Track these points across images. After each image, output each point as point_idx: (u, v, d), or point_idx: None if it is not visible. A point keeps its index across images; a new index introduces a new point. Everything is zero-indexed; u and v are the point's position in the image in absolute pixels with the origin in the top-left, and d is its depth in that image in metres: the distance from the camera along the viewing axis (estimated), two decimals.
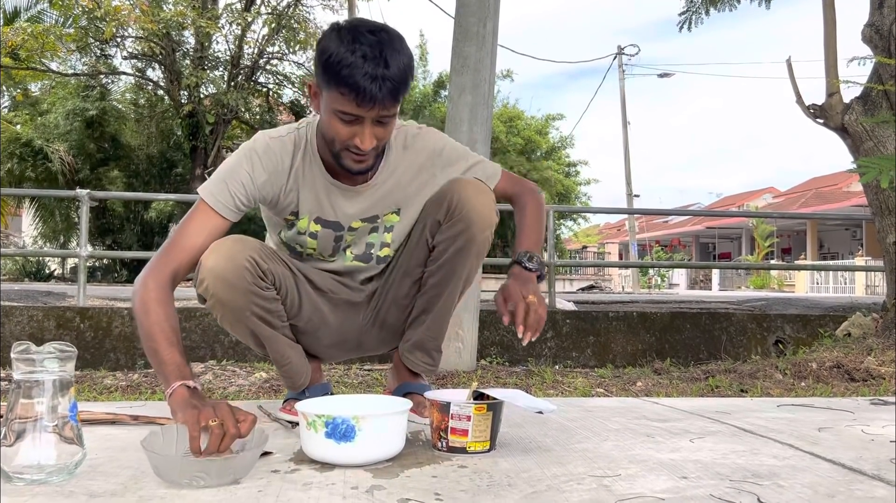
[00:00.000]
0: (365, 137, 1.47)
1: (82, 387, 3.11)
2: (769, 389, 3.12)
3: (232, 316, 1.58)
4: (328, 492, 1.14)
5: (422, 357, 1.78)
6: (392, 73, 1.41)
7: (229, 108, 14.59)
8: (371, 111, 1.44)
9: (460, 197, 1.61)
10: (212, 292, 1.53)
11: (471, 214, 1.60)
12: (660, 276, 26.48)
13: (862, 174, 3.53)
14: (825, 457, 1.42)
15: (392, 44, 1.44)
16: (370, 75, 1.40)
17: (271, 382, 3.26)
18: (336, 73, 1.41)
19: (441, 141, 1.73)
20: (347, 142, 1.49)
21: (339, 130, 1.48)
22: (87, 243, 5.23)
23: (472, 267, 1.68)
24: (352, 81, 1.40)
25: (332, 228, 1.67)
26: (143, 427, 1.69)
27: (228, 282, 1.52)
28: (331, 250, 1.71)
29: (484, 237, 1.64)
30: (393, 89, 1.42)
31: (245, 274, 1.52)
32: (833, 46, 4.36)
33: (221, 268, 1.51)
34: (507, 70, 19.20)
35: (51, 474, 1.17)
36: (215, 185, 1.58)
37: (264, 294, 1.58)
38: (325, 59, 1.43)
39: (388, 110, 1.46)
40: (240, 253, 1.53)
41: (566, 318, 4.93)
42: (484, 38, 3.95)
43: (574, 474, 1.27)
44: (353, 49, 1.40)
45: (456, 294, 1.72)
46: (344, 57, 1.40)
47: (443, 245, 1.65)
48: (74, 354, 1.22)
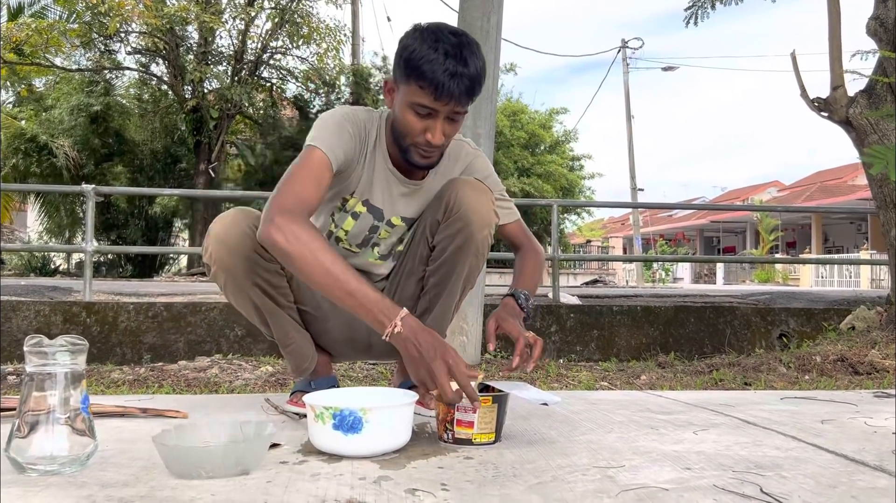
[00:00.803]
0: (437, 132, 1.53)
1: (89, 382, 3.14)
2: (773, 382, 3.13)
3: (233, 284, 1.60)
4: (336, 483, 1.16)
5: None
6: (470, 71, 1.49)
7: (233, 103, 14.59)
8: (447, 106, 1.50)
9: (458, 196, 1.63)
10: (215, 258, 1.56)
11: (469, 213, 1.62)
12: (664, 271, 26.48)
13: (869, 166, 3.53)
14: (828, 449, 1.43)
15: (471, 46, 1.52)
16: (450, 71, 1.47)
17: (277, 376, 3.28)
18: (417, 67, 1.48)
19: (486, 169, 1.79)
20: (418, 136, 1.55)
21: (412, 124, 1.54)
22: (93, 238, 5.25)
23: (471, 266, 1.70)
24: (431, 76, 1.47)
25: (374, 215, 1.71)
26: (151, 419, 1.71)
27: (229, 246, 1.55)
28: (360, 239, 1.74)
29: (482, 236, 1.65)
30: (469, 87, 1.50)
31: (246, 240, 1.56)
32: (837, 40, 4.35)
33: (224, 234, 1.55)
34: (511, 64, 19.14)
35: (63, 465, 1.19)
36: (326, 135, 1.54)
37: (266, 265, 1.60)
38: (408, 54, 1.50)
39: (462, 107, 1.52)
40: (243, 220, 1.57)
41: (570, 312, 4.94)
42: (488, 33, 3.95)
43: (579, 465, 1.28)
44: (436, 47, 1.48)
45: (456, 293, 1.74)
46: (426, 53, 1.47)
47: (442, 244, 1.67)
48: (86, 347, 1.24)
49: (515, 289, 1.72)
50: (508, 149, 18.73)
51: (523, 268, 1.81)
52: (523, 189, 18.17)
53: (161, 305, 4.55)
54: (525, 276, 1.78)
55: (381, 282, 1.82)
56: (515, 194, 17.26)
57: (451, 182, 1.67)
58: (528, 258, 1.83)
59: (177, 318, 4.50)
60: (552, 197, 17.52)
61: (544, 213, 18.89)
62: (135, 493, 1.09)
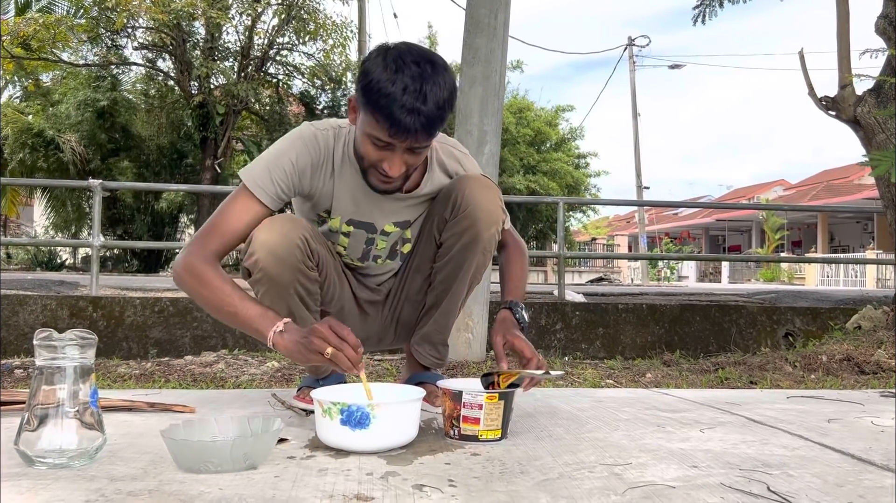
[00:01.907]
0: (394, 164, 1.48)
1: (96, 376, 3.15)
2: (779, 381, 3.12)
3: (276, 292, 1.57)
4: (344, 478, 1.16)
5: (429, 350, 1.81)
6: (428, 108, 1.40)
7: (239, 99, 14.62)
8: (403, 143, 1.44)
9: (465, 193, 1.62)
10: (261, 265, 1.53)
11: (476, 211, 1.61)
12: (669, 269, 26.44)
13: (874, 167, 3.52)
14: (834, 448, 1.43)
15: (434, 77, 1.42)
16: (407, 108, 1.38)
17: (283, 371, 3.29)
18: (374, 100, 1.40)
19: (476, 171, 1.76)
20: (378, 165, 1.50)
21: (369, 152, 1.49)
22: (100, 233, 5.26)
23: (478, 263, 1.69)
24: (387, 112, 1.39)
25: (365, 229, 1.69)
26: (159, 414, 1.72)
27: (280, 257, 1.53)
28: (360, 253, 1.73)
29: (490, 234, 1.64)
30: (427, 125, 1.41)
31: (296, 251, 1.54)
32: (846, 38, 4.33)
33: (274, 243, 1.52)
34: (518, 61, 19.17)
35: (72, 458, 1.20)
36: (259, 172, 1.57)
37: (309, 274, 1.60)
38: (367, 82, 1.42)
39: (422, 143, 1.46)
40: (293, 230, 1.55)
41: (575, 310, 4.94)
42: (495, 30, 3.94)
43: (585, 462, 1.28)
44: (395, 79, 1.39)
45: (462, 290, 1.74)
46: (384, 86, 1.39)
47: (449, 241, 1.66)
48: (95, 341, 1.25)
49: (511, 300, 1.69)
50: (514, 146, 18.72)
51: (512, 273, 1.78)
52: (529, 186, 18.16)
53: (167, 300, 4.56)
54: (515, 283, 1.76)
55: (389, 280, 1.82)
56: (521, 191, 17.26)
57: (458, 179, 1.66)
58: (516, 260, 1.80)
59: (183, 313, 4.51)
60: (558, 194, 17.50)
61: (550, 210, 18.90)
62: (143, 487, 1.09)
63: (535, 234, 21.49)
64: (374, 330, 1.85)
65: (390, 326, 1.86)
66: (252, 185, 1.56)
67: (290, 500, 1.04)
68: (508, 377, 1.49)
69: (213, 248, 1.53)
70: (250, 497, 1.05)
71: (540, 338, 4.76)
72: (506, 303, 1.70)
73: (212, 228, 1.55)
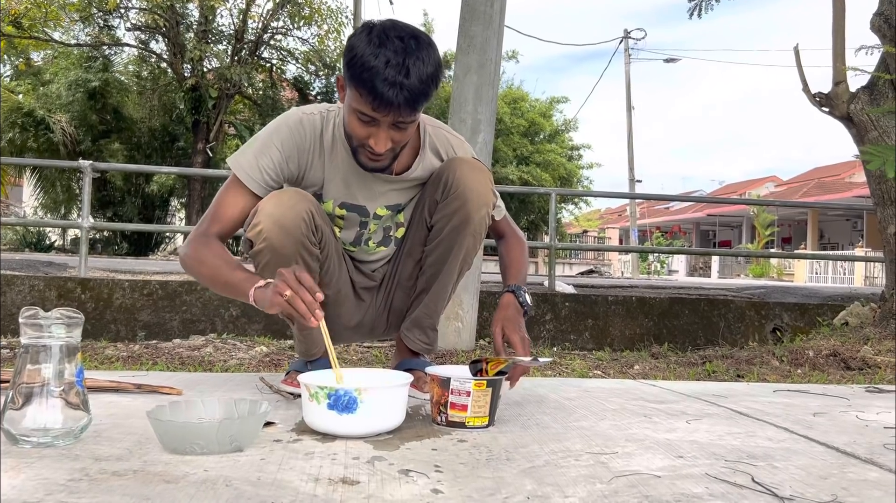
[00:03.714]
0: (380, 140, 1.49)
1: (83, 358, 3.13)
2: (765, 375, 3.14)
3: (276, 263, 1.55)
4: (330, 462, 1.16)
5: (418, 335, 1.80)
6: (412, 82, 1.41)
7: (232, 83, 14.53)
8: (387, 117, 1.45)
9: (456, 175, 1.61)
10: (265, 236, 1.53)
11: (466, 192, 1.61)
12: (659, 263, 26.53)
13: (867, 162, 3.53)
14: (819, 441, 1.44)
15: (418, 52, 1.43)
16: (389, 82, 1.40)
17: (271, 356, 3.28)
18: (358, 74, 1.42)
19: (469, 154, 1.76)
20: (364, 140, 1.51)
21: (356, 129, 1.50)
22: (89, 214, 5.22)
23: (468, 246, 1.68)
24: (370, 86, 1.41)
25: (358, 213, 1.69)
26: (146, 395, 1.71)
27: (285, 228, 1.53)
28: (353, 237, 1.73)
29: (480, 216, 1.63)
30: (411, 98, 1.42)
31: (301, 224, 1.54)
32: (841, 35, 4.33)
33: (280, 214, 1.53)
34: (513, 51, 19.12)
35: (56, 438, 1.19)
36: (244, 158, 1.60)
37: (312, 250, 1.60)
38: (351, 57, 1.44)
39: (405, 117, 1.46)
40: (299, 203, 1.55)
41: (565, 301, 4.95)
42: (491, 18, 3.93)
43: (572, 451, 1.29)
44: (378, 53, 1.40)
45: (453, 273, 1.72)
46: (367, 59, 1.41)
47: (440, 223, 1.66)
48: (81, 321, 1.24)
49: (514, 284, 1.69)
50: (508, 136, 18.69)
51: (513, 259, 1.79)
52: (521, 177, 18.15)
53: (156, 283, 4.54)
54: (517, 268, 1.77)
55: (384, 266, 1.81)
56: (514, 182, 17.25)
57: (449, 161, 1.66)
58: (515, 247, 1.81)
59: (172, 297, 4.50)
60: (550, 186, 17.51)
61: (542, 201, 18.90)
62: (128, 467, 1.09)
63: (526, 226, 21.50)
64: (368, 317, 1.84)
65: (383, 313, 1.85)
66: (241, 174, 1.59)
67: (275, 483, 1.03)
68: (497, 364, 1.50)
69: (212, 232, 1.59)
70: (236, 479, 1.04)
71: (529, 329, 4.74)
72: (508, 286, 1.69)
73: (211, 216, 1.61)
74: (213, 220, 1.60)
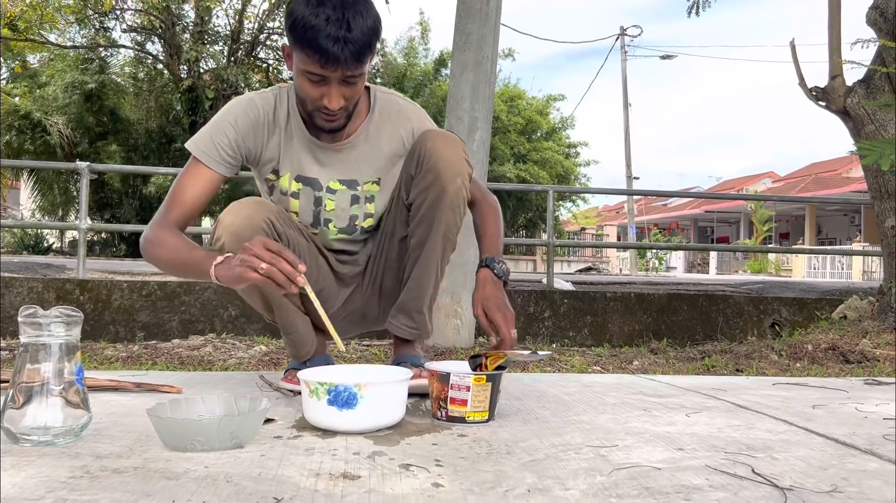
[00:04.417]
0: (332, 97, 1.52)
1: (83, 359, 3.13)
2: (764, 369, 3.15)
3: None
4: (331, 457, 1.16)
5: (403, 320, 1.76)
6: (355, 35, 1.45)
7: (229, 84, 14.53)
8: (335, 72, 1.49)
9: (427, 147, 1.62)
10: (227, 250, 1.54)
11: (438, 163, 1.60)
12: (657, 259, 26.54)
13: (863, 156, 3.54)
14: (819, 433, 1.44)
15: (356, 6, 1.47)
16: (332, 37, 1.44)
17: (271, 355, 3.29)
18: (301, 35, 1.46)
19: (426, 121, 1.76)
20: (317, 102, 1.54)
21: (308, 91, 1.54)
22: (87, 216, 5.22)
23: (448, 221, 1.65)
24: (315, 44, 1.45)
25: (312, 187, 1.70)
26: (145, 394, 1.71)
27: (244, 239, 1.51)
28: (311, 217, 1.73)
29: (455, 187, 1.61)
30: (356, 52, 1.46)
31: (261, 234, 1.54)
32: (837, 29, 4.34)
33: (238, 226, 1.54)
34: (509, 49, 19.10)
35: (57, 436, 1.19)
36: (200, 138, 1.64)
37: None
38: (292, 21, 1.48)
39: (353, 71, 1.50)
40: (257, 213, 1.57)
41: (564, 298, 4.95)
42: (487, 15, 3.93)
43: (572, 444, 1.29)
44: (317, 12, 1.45)
45: (436, 251, 1.68)
46: (308, 20, 1.45)
47: (417, 200, 1.65)
48: (80, 319, 1.24)
49: (487, 257, 1.66)
50: (505, 134, 18.69)
51: (485, 227, 1.75)
52: (519, 175, 18.16)
53: (155, 284, 4.54)
54: (490, 238, 1.73)
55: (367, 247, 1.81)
56: (511, 180, 17.25)
57: (422, 134, 1.66)
58: (488, 214, 1.76)
59: (171, 297, 4.50)
60: (548, 184, 17.51)
61: (540, 199, 18.91)
62: (129, 464, 1.09)
63: (524, 223, 21.52)
64: (358, 303, 1.82)
65: (373, 297, 1.82)
66: (197, 153, 1.62)
67: (276, 479, 1.04)
68: (496, 359, 1.50)
69: (171, 218, 1.60)
70: (237, 475, 1.05)
71: (528, 326, 4.77)
72: (483, 260, 1.66)
73: (169, 201, 1.62)
74: (172, 204, 1.60)
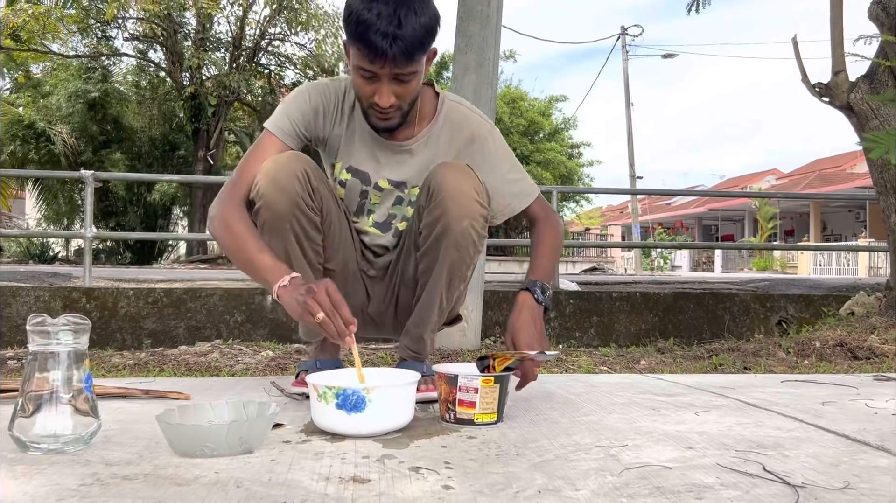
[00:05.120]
0: (383, 94, 1.52)
1: (90, 366, 3.13)
2: (772, 367, 3.13)
3: (273, 223, 1.56)
4: (340, 461, 1.16)
5: (406, 342, 1.75)
6: (405, 32, 1.45)
7: (231, 90, 14.56)
8: (384, 69, 1.48)
9: (438, 182, 1.56)
10: (261, 192, 1.55)
11: (446, 202, 1.54)
12: (662, 259, 26.50)
13: (869, 150, 3.52)
14: (829, 429, 1.43)
15: (411, 3, 1.47)
16: (382, 32, 1.44)
17: (278, 360, 3.29)
18: (354, 29, 1.47)
19: (494, 138, 1.73)
20: (370, 98, 1.55)
21: (361, 87, 1.55)
22: (92, 224, 5.23)
23: (452, 259, 1.59)
24: (365, 38, 1.45)
25: (361, 179, 1.71)
26: (154, 400, 1.71)
27: (278, 183, 1.54)
28: (355, 206, 1.74)
29: (461, 227, 1.55)
30: (405, 49, 1.46)
31: (295, 182, 1.55)
32: (839, 24, 4.32)
33: (274, 171, 1.55)
34: (511, 51, 19.15)
35: (66, 444, 1.19)
36: (276, 115, 1.67)
37: (307, 213, 1.59)
38: (347, 15, 1.49)
39: (403, 69, 1.49)
40: (295, 162, 1.58)
41: (569, 299, 4.94)
42: (488, 17, 3.93)
43: (581, 444, 1.29)
44: (371, 7, 1.45)
45: (440, 284, 1.63)
46: (361, 14, 1.45)
47: (425, 231, 1.61)
48: (88, 327, 1.24)
49: (531, 281, 1.63)
50: (508, 136, 18.70)
51: (539, 250, 1.72)
52: None
53: (161, 291, 4.55)
54: (540, 262, 1.70)
55: (389, 254, 1.80)
56: None
57: (437, 165, 1.62)
58: (545, 237, 1.74)
59: (177, 304, 4.50)
60: (551, 184, 17.50)
61: None
62: (139, 471, 1.09)
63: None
64: (374, 307, 1.81)
65: (389, 306, 1.81)
66: (271, 126, 1.65)
67: (286, 483, 1.03)
68: (504, 360, 1.50)
69: (240, 193, 1.60)
70: (246, 480, 1.05)
71: None
72: (525, 284, 1.65)
73: (239, 175, 1.62)
74: (242, 178, 1.60)
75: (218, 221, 1.57)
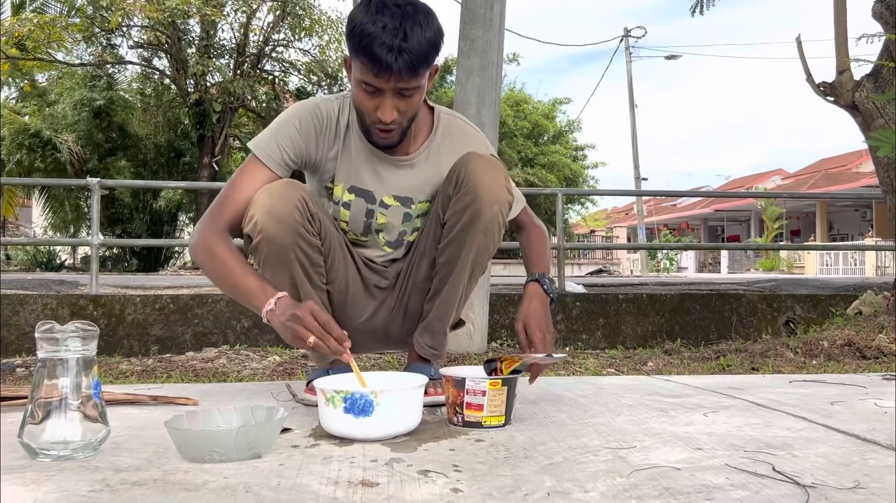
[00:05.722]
0: (386, 109, 1.51)
1: (98, 373, 3.14)
2: (780, 367, 3.12)
3: (276, 257, 1.55)
4: (349, 465, 1.16)
5: (426, 340, 1.75)
6: (410, 45, 1.44)
7: (236, 97, 14.60)
8: (388, 83, 1.47)
9: (468, 169, 1.58)
10: (260, 227, 1.52)
11: (478, 188, 1.56)
12: (668, 260, 26.45)
13: (876, 149, 3.51)
14: (838, 429, 1.43)
15: (416, 17, 1.46)
16: (387, 46, 1.43)
17: (285, 366, 3.29)
18: (357, 43, 1.46)
19: (490, 150, 1.76)
20: (372, 114, 1.53)
21: (363, 102, 1.53)
22: (99, 231, 5.25)
23: (479, 245, 1.61)
24: (370, 51, 1.44)
25: (365, 199, 1.69)
26: (162, 406, 1.72)
27: (277, 216, 1.52)
28: (362, 227, 1.72)
29: (492, 213, 1.57)
30: (410, 62, 1.45)
31: (294, 212, 1.53)
32: (843, 23, 4.32)
33: (271, 204, 1.52)
34: (514, 54, 19.16)
35: (76, 450, 1.20)
36: (263, 139, 1.64)
37: (310, 240, 1.57)
38: (351, 28, 1.48)
39: (407, 83, 1.48)
40: (291, 192, 1.55)
41: (576, 301, 4.94)
42: (491, 21, 3.94)
43: (590, 446, 1.28)
44: (375, 20, 1.44)
45: (463, 274, 1.65)
46: (365, 27, 1.44)
47: (451, 220, 1.61)
48: (96, 333, 1.24)
49: (537, 272, 1.70)
50: (512, 139, 18.71)
51: (534, 248, 1.79)
52: (527, 179, 18.16)
53: (167, 297, 4.56)
54: (539, 258, 1.77)
55: (397, 263, 1.79)
56: (519, 184, 17.24)
57: (464, 156, 1.62)
58: (536, 237, 1.82)
59: (183, 310, 4.51)
60: (556, 187, 17.50)
61: (548, 203, 18.86)
62: (148, 477, 1.09)
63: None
64: (382, 319, 1.79)
65: (398, 315, 1.80)
66: (259, 153, 1.61)
67: (295, 487, 1.04)
68: (511, 363, 1.49)
69: (224, 219, 1.58)
70: (255, 485, 1.05)
71: None
72: (532, 275, 1.70)
73: (223, 200, 1.60)
74: (226, 204, 1.58)
75: (199, 248, 1.56)
